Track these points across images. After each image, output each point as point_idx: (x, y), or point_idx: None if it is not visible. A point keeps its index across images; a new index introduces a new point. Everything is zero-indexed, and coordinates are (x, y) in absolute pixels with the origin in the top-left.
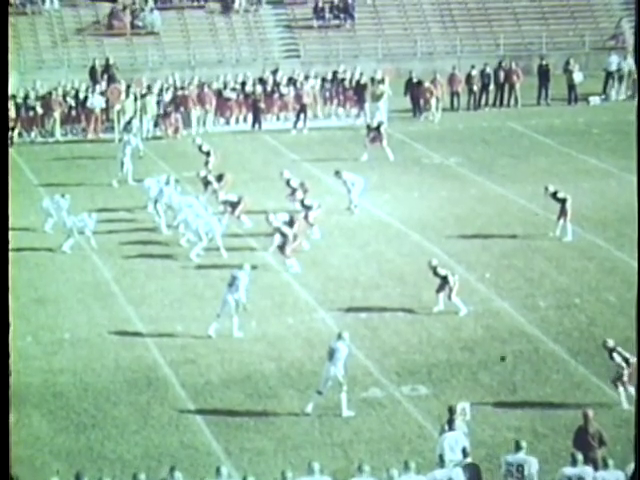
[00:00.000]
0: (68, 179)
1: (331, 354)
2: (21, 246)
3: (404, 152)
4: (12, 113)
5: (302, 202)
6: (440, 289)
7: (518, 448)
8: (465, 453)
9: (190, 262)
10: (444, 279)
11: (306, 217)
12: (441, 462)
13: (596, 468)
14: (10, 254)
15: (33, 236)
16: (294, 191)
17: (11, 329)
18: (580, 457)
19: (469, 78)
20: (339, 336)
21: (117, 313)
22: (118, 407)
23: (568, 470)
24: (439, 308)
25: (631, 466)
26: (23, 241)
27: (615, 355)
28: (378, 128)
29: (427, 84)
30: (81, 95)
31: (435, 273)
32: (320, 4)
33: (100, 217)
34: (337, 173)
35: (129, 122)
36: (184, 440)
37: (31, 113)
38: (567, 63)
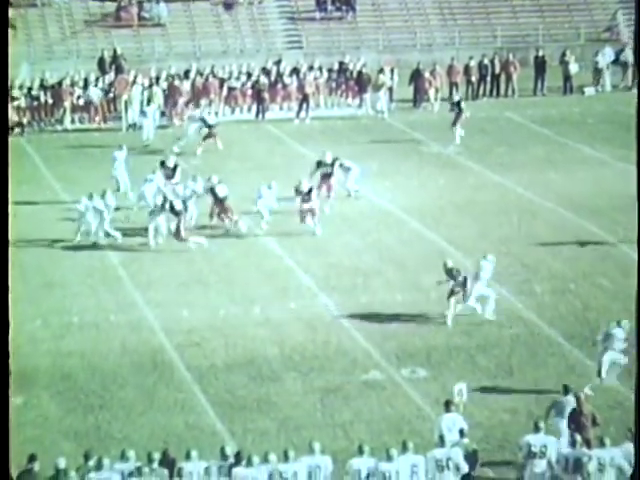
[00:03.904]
0: (76, 166)
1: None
2: (29, 232)
3: (404, 141)
4: (22, 103)
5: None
6: (452, 294)
7: (537, 429)
8: (462, 434)
9: (195, 248)
10: (464, 280)
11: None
12: (441, 442)
13: (589, 448)
14: (19, 240)
15: (42, 222)
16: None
17: (21, 313)
18: (579, 438)
19: (467, 69)
20: (484, 257)
21: (124, 298)
22: (125, 389)
23: (566, 451)
24: (453, 313)
25: (625, 445)
26: (31, 227)
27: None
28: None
29: (427, 75)
30: (88, 85)
31: (451, 275)
32: None
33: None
34: (336, 160)
35: (141, 110)
36: (189, 421)
37: (41, 103)
38: (563, 54)
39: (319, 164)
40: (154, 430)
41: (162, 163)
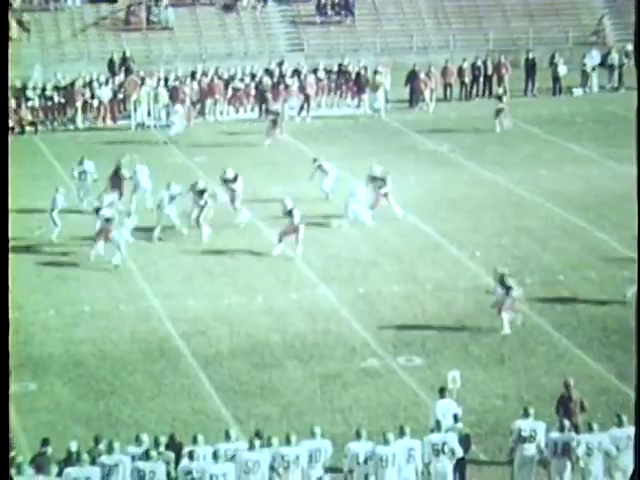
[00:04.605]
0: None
1: None
2: (43, 227)
3: (400, 139)
4: (36, 103)
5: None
6: (498, 304)
7: (527, 414)
8: (456, 419)
9: (200, 241)
10: (508, 290)
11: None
12: (438, 427)
13: (577, 432)
14: (34, 234)
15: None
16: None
17: (35, 303)
18: (567, 424)
19: (461, 71)
20: None
21: (133, 288)
22: (134, 375)
23: (555, 435)
24: (505, 332)
25: (612, 430)
26: (46, 222)
27: (505, 280)
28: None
29: (422, 76)
30: (100, 86)
31: (501, 282)
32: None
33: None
34: (315, 160)
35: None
36: (195, 406)
37: (54, 103)
38: (552, 57)
39: (373, 178)
40: (162, 415)
41: (113, 176)
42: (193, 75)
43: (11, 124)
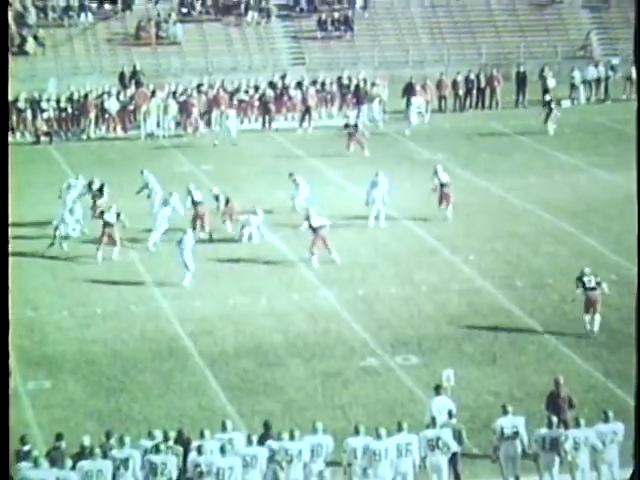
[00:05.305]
0: (100, 171)
1: None
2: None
3: (397, 148)
4: (51, 114)
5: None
6: (588, 308)
7: (505, 412)
8: (450, 415)
9: (207, 247)
10: (592, 289)
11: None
12: (433, 423)
13: (566, 428)
14: (48, 239)
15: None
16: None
17: (49, 305)
18: (555, 420)
19: (455, 83)
20: None
21: (143, 290)
22: (144, 373)
23: (543, 431)
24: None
25: (599, 426)
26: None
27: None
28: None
29: (418, 88)
30: (110, 98)
31: (580, 280)
32: (323, 17)
33: (126, 206)
34: (291, 175)
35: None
36: (202, 403)
37: (68, 114)
38: (542, 70)
39: (442, 185)
40: (170, 411)
41: (89, 185)
42: (200, 88)
43: (27, 134)
